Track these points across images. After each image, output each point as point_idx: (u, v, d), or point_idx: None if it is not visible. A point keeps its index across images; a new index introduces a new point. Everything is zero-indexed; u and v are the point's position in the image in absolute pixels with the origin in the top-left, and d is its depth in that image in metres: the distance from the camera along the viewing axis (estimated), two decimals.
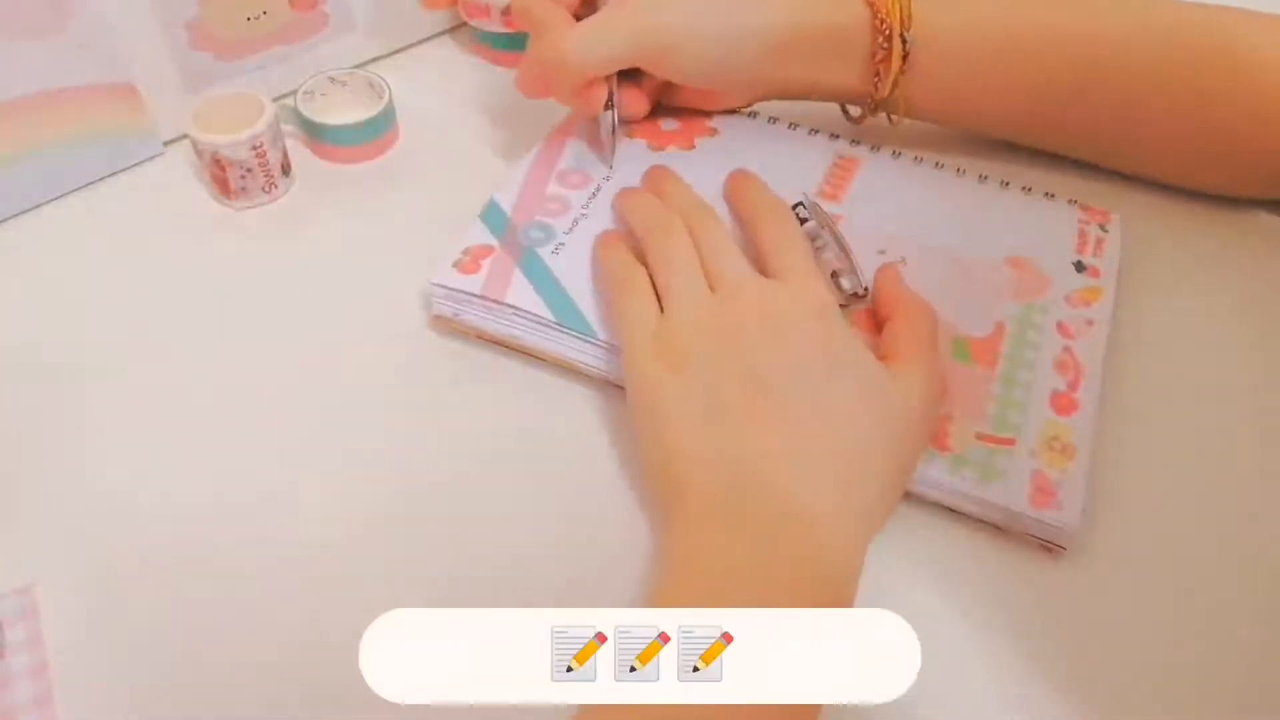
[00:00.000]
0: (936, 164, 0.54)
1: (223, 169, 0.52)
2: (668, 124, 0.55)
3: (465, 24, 0.63)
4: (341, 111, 0.57)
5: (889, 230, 0.50)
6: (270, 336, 0.49)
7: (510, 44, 0.62)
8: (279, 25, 0.57)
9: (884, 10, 0.49)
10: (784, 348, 0.40)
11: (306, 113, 0.56)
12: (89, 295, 0.50)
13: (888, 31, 0.49)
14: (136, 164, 0.56)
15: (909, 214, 0.51)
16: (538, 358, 0.47)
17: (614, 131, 0.51)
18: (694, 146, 0.54)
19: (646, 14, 0.48)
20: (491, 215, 0.50)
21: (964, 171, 0.54)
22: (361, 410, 0.46)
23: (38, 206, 0.54)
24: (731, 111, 0.56)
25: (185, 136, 0.54)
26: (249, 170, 0.53)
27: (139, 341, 0.48)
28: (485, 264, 0.47)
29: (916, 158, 0.54)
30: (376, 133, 0.57)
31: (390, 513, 0.43)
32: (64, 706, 0.37)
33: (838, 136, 0.55)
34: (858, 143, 0.55)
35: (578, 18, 0.49)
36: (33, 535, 0.42)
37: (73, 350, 0.48)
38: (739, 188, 0.49)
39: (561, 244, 0.48)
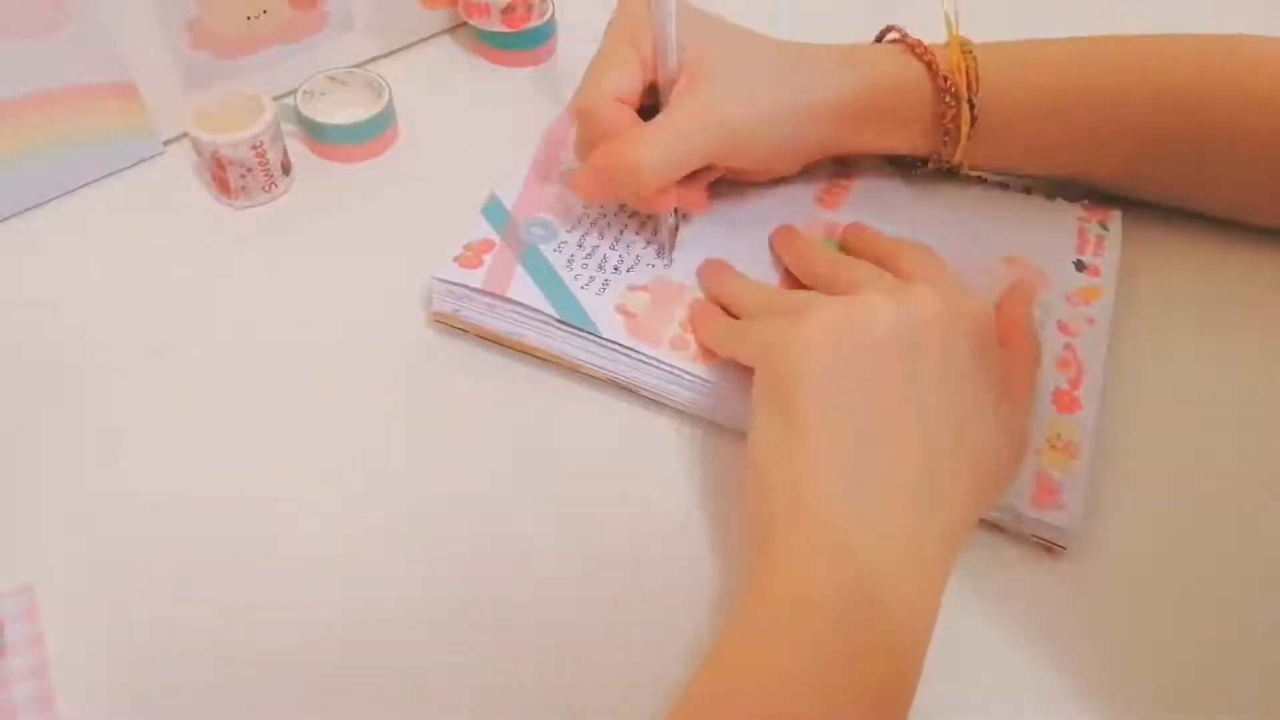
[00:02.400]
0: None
1: (223, 168, 0.52)
2: None
3: (465, 24, 0.63)
4: (341, 111, 0.57)
5: (889, 232, 0.50)
6: (270, 336, 0.49)
7: (510, 44, 0.62)
8: (279, 25, 0.57)
9: (947, 71, 0.48)
10: (935, 352, 0.38)
11: (306, 112, 0.56)
12: (89, 295, 0.50)
13: (952, 90, 0.48)
14: (136, 164, 0.56)
15: (909, 215, 0.51)
16: (539, 356, 0.47)
17: (675, 232, 0.49)
18: None
19: (716, 112, 0.45)
20: (493, 210, 0.50)
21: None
22: (361, 410, 0.46)
23: (38, 206, 0.54)
24: None
25: (185, 136, 0.54)
26: (249, 170, 0.53)
27: (139, 341, 0.48)
28: (487, 258, 0.47)
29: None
30: (376, 132, 0.57)
31: (390, 513, 0.43)
32: (64, 706, 0.37)
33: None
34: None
35: (640, 110, 0.47)
36: (33, 535, 0.42)
37: (72, 350, 0.48)
38: (866, 239, 0.49)
39: (564, 242, 0.48)
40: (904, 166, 0.53)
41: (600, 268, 0.48)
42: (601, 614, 0.40)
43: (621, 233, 0.49)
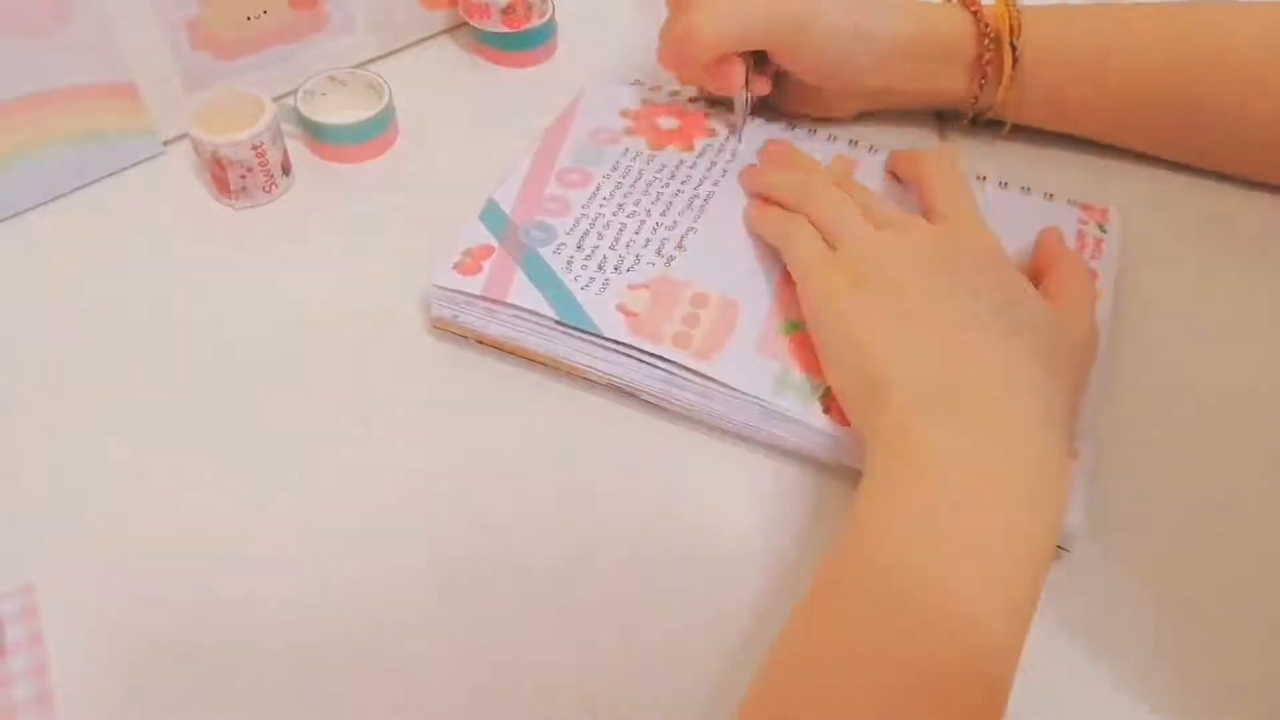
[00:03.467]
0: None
1: (223, 168, 0.52)
2: (667, 122, 0.55)
3: (465, 24, 0.63)
4: (341, 111, 0.57)
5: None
6: (270, 336, 0.49)
7: (510, 44, 0.62)
8: (279, 25, 0.57)
9: (990, 17, 0.52)
10: (960, 275, 0.42)
11: (306, 112, 0.56)
12: (89, 295, 0.50)
13: (992, 34, 0.52)
14: (136, 164, 0.56)
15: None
16: (538, 362, 0.47)
17: (746, 109, 0.54)
18: (693, 147, 0.54)
19: (770, 2, 0.51)
20: (491, 215, 0.49)
21: (962, 171, 0.54)
22: (362, 411, 0.46)
23: (38, 206, 0.54)
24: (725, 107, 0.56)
25: (185, 136, 0.54)
26: (249, 170, 0.53)
27: (139, 341, 0.48)
28: (486, 264, 0.47)
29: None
30: (376, 132, 0.57)
31: (391, 515, 0.43)
32: (64, 706, 0.37)
33: (836, 138, 0.56)
34: (855, 143, 0.55)
35: None
36: (33, 535, 0.42)
37: (72, 350, 0.48)
38: (903, 157, 0.52)
39: (563, 244, 0.48)
40: (946, 119, 0.57)
41: (600, 268, 0.47)
42: (604, 617, 0.40)
43: (620, 232, 0.49)
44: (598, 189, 0.51)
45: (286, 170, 0.55)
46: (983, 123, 0.56)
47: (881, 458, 0.38)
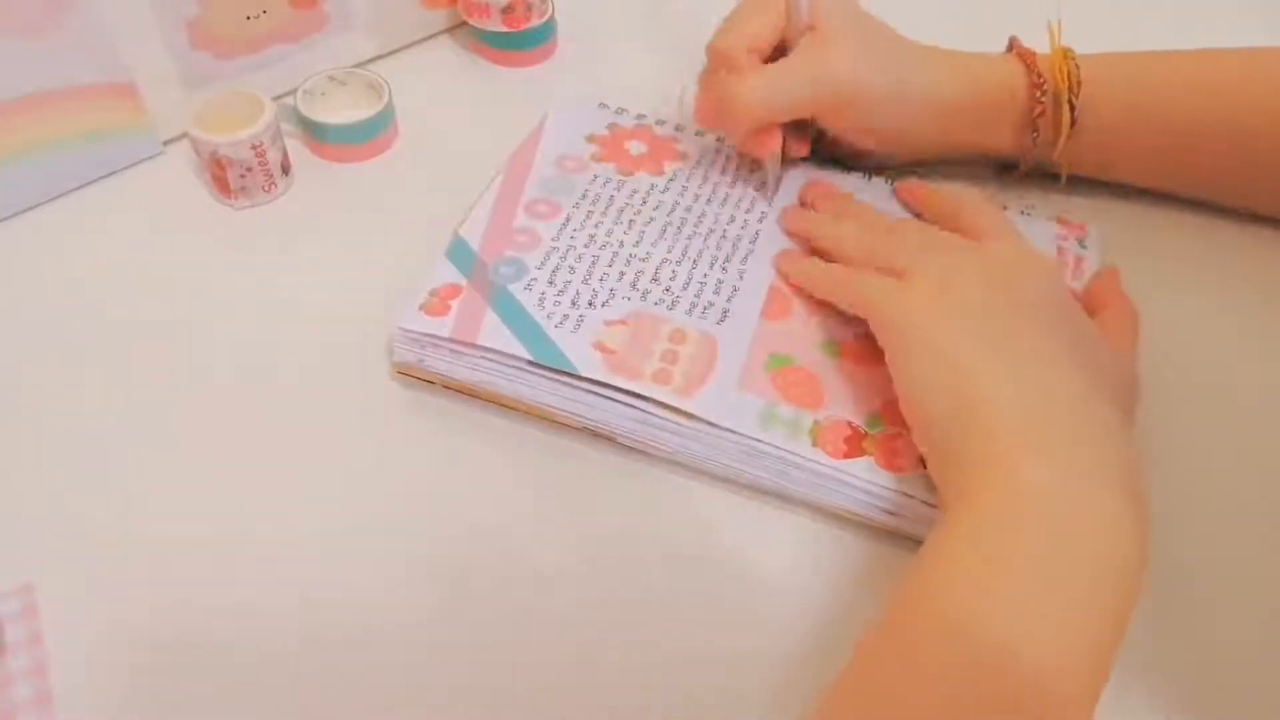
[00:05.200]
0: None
1: (222, 168, 0.52)
2: (636, 147, 0.54)
3: (465, 24, 0.63)
4: (341, 111, 0.57)
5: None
6: (270, 336, 0.49)
7: (510, 44, 0.62)
8: (279, 24, 0.57)
9: (1045, 69, 0.50)
10: (1030, 292, 0.42)
11: (306, 112, 0.56)
12: (88, 295, 0.50)
13: (1044, 86, 0.50)
14: (136, 164, 0.56)
15: None
16: (510, 407, 0.45)
17: (778, 173, 0.52)
18: (664, 172, 0.53)
19: (827, 67, 0.49)
20: (458, 252, 0.47)
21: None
22: (363, 412, 0.46)
23: (38, 206, 0.54)
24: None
25: (185, 136, 0.54)
26: (249, 169, 0.53)
27: (138, 341, 0.48)
28: (454, 305, 0.45)
29: (888, 179, 0.54)
30: (376, 132, 0.57)
31: (390, 512, 0.43)
32: (64, 706, 0.37)
33: (806, 159, 0.54)
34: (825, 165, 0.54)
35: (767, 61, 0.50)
36: (33, 535, 0.42)
37: (72, 349, 0.48)
38: (923, 197, 0.51)
39: (534, 279, 0.46)
40: (1002, 168, 0.55)
41: (574, 304, 0.45)
42: (578, 663, 0.39)
43: (593, 265, 0.47)
44: (568, 219, 0.49)
45: (286, 170, 0.55)
46: (1038, 174, 0.54)
47: (967, 488, 0.36)
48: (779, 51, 0.50)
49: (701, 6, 0.53)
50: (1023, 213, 0.52)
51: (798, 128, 0.52)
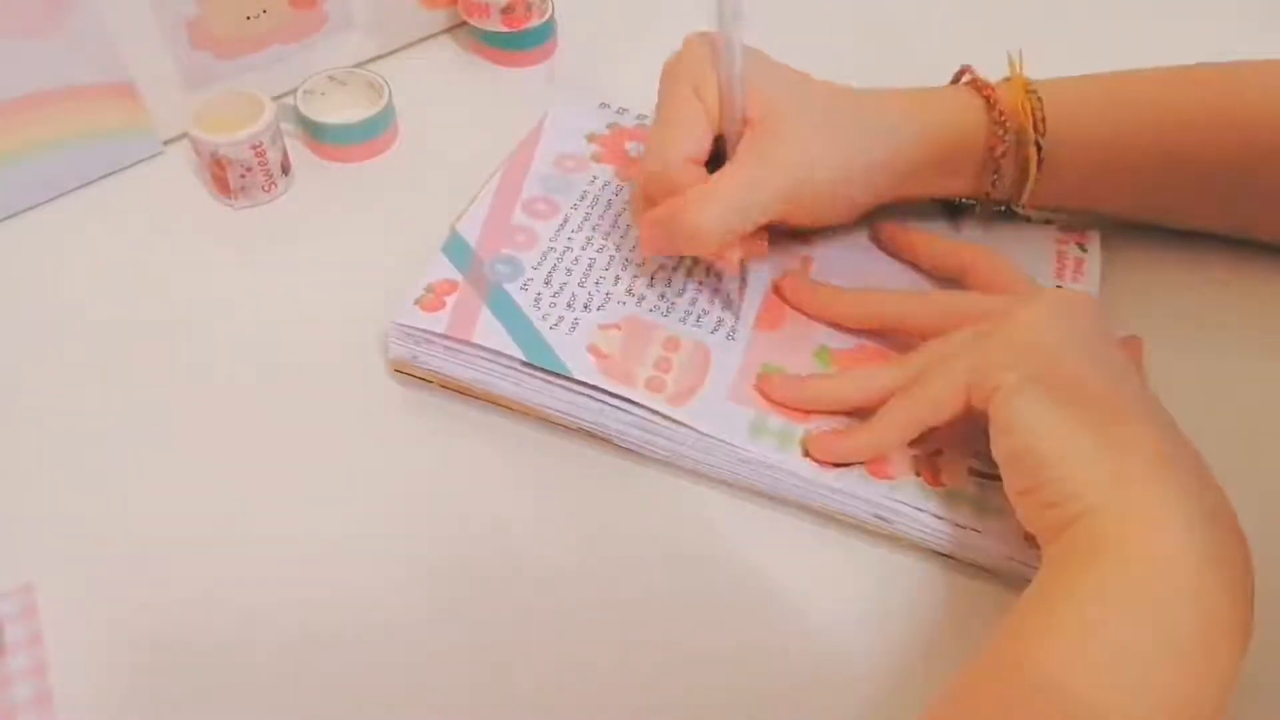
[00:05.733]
0: None
1: (222, 168, 0.52)
2: (635, 148, 0.54)
3: (465, 24, 0.63)
4: (341, 111, 0.57)
5: (860, 259, 0.49)
6: (271, 336, 0.49)
7: (510, 43, 0.62)
8: (279, 24, 0.57)
9: (1005, 105, 0.47)
10: (1096, 343, 0.40)
11: (306, 112, 0.56)
12: (88, 295, 0.50)
13: (1005, 124, 0.46)
14: (136, 164, 0.56)
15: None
16: (506, 406, 0.45)
17: (744, 285, 0.47)
18: None
19: (782, 169, 0.44)
20: (455, 248, 0.47)
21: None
22: (363, 412, 0.46)
23: (38, 206, 0.54)
24: None
25: (185, 136, 0.54)
26: (249, 169, 0.53)
27: (138, 341, 0.48)
28: (450, 300, 0.45)
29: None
30: (376, 132, 0.57)
31: (391, 512, 0.43)
32: (64, 706, 0.37)
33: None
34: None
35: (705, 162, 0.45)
36: (33, 535, 0.42)
37: (71, 350, 0.48)
38: (914, 244, 0.49)
39: (530, 279, 0.46)
40: (954, 209, 0.52)
41: (570, 306, 0.45)
42: (576, 661, 0.39)
43: (590, 268, 0.47)
44: (565, 220, 0.49)
45: (286, 170, 0.55)
46: (996, 212, 0.51)
47: (1077, 544, 0.34)
48: (714, 149, 0.45)
49: (701, 6, 0.53)
50: (1024, 219, 0.52)
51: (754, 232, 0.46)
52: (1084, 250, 0.50)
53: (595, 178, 0.52)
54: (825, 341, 0.46)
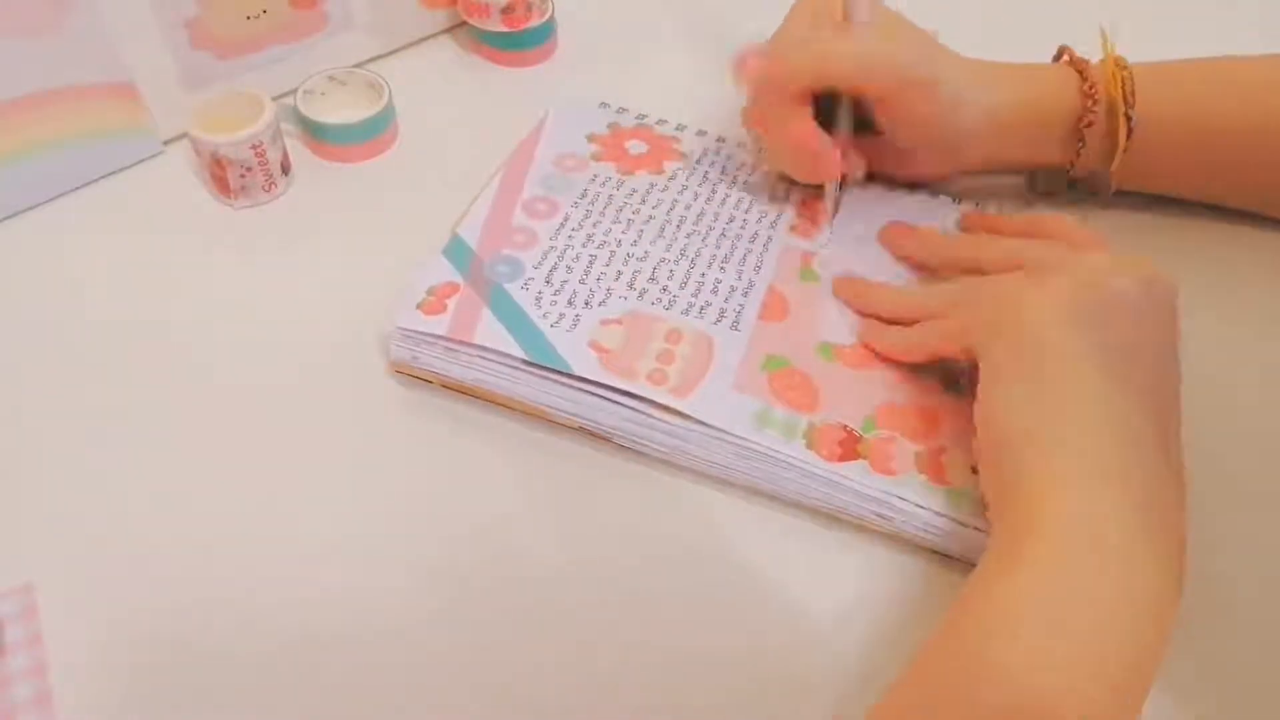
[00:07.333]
0: (910, 187, 0.53)
1: (222, 168, 0.52)
2: (636, 147, 0.54)
3: (465, 24, 0.63)
4: (341, 111, 0.57)
5: (867, 256, 0.49)
6: (271, 336, 0.49)
7: (510, 44, 0.62)
8: (279, 24, 0.57)
9: (1098, 78, 0.48)
10: (1133, 309, 0.40)
11: (306, 112, 0.56)
12: (88, 295, 0.50)
13: (1097, 97, 0.48)
14: (136, 164, 0.56)
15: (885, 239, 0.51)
16: (506, 406, 0.45)
17: (838, 197, 0.50)
18: (663, 170, 0.53)
19: (893, 44, 0.47)
20: (456, 251, 0.48)
21: (938, 194, 0.53)
22: (363, 412, 0.46)
23: (38, 206, 0.54)
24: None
25: (185, 136, 0.54)
26: (249, 169, 0.53)
27: (138, 341, 0.48)
28: (451, 303, 0.45)
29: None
30: (376, 132, 0.57)
31: (391, 512, 0.43)
32: (64, 706, 0.37)
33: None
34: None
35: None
36: (33, 535, 0.42)
37: (72, 349, 0.48)
38: (996, 224, 0.50)
39: (530, 279, 0.46)
40: (1055, 186, 0.53)
41: (570, 303, 0.45)
42: (575, 660, 0.39)
43: (591, 264, 0.47)
44: (566, 219, 0.50)
45: (286, 170, 0.55)
46: (1080, 190, 0.52)
47: (1010, 521, 0.36)
48: (820, 108, 0.48)
49: (701, 6, 0.53)
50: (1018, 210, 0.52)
51: (855, 125, 0.49)
52: None
53: (595, 176, 0.52)
54: (830, 336, 0.46)
